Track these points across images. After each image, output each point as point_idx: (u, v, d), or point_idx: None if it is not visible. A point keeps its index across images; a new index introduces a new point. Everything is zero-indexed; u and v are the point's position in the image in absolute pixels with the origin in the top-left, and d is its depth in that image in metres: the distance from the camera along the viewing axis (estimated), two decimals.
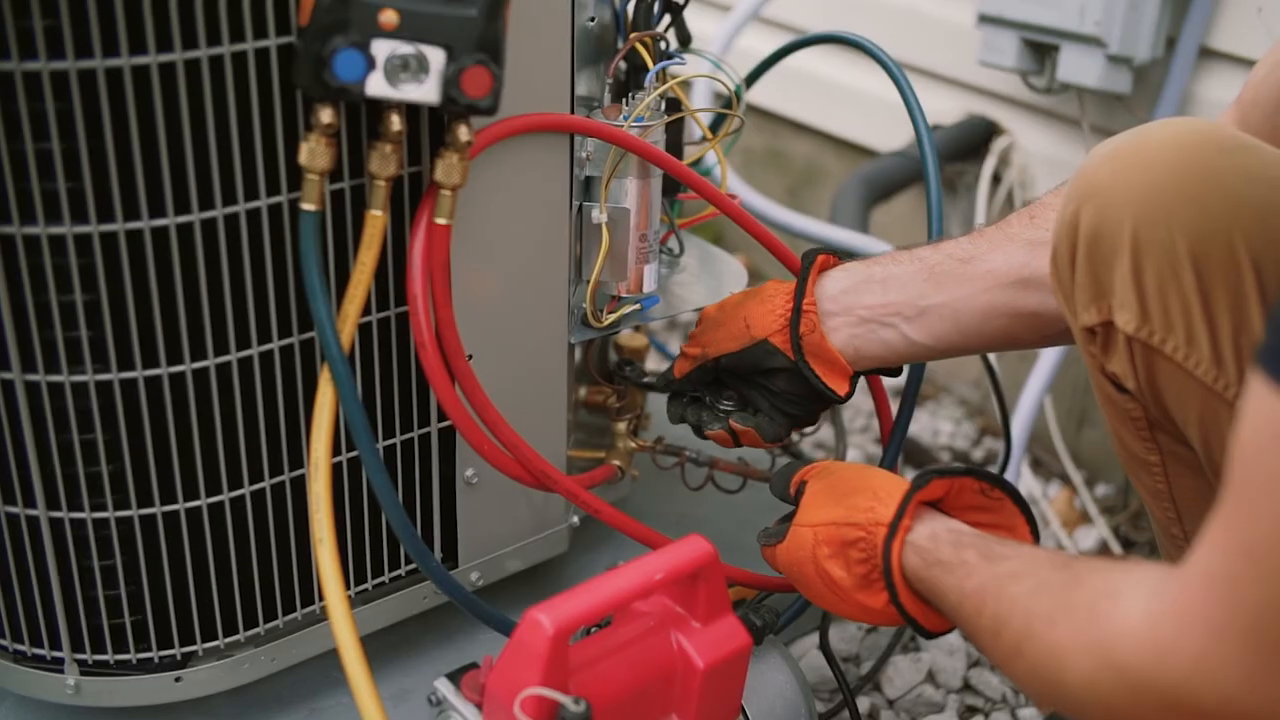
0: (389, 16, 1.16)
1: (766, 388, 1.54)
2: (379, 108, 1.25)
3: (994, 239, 1.41)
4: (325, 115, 1.20)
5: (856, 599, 1.34)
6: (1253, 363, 0.86)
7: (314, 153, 1.22)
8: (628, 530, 1.50)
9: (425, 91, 1.20)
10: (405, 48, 1.18)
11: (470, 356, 1.40)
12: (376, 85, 1.19)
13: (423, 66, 1.19)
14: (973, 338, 1.44)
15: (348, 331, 1.27)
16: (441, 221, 1.31)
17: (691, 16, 1.65)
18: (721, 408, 1.58)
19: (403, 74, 1.19)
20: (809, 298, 1.48)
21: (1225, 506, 0.90)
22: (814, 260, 1.50)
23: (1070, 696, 1.05)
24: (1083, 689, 1.02)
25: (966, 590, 1.20)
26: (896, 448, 1.64)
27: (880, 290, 1.46)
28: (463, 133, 1.27)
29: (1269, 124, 1.31)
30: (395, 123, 1.24)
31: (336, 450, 1.40)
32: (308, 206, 1.23)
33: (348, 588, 1.46)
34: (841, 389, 1.50)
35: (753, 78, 1.88)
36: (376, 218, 1.27)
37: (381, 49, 1.17)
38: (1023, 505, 1.35)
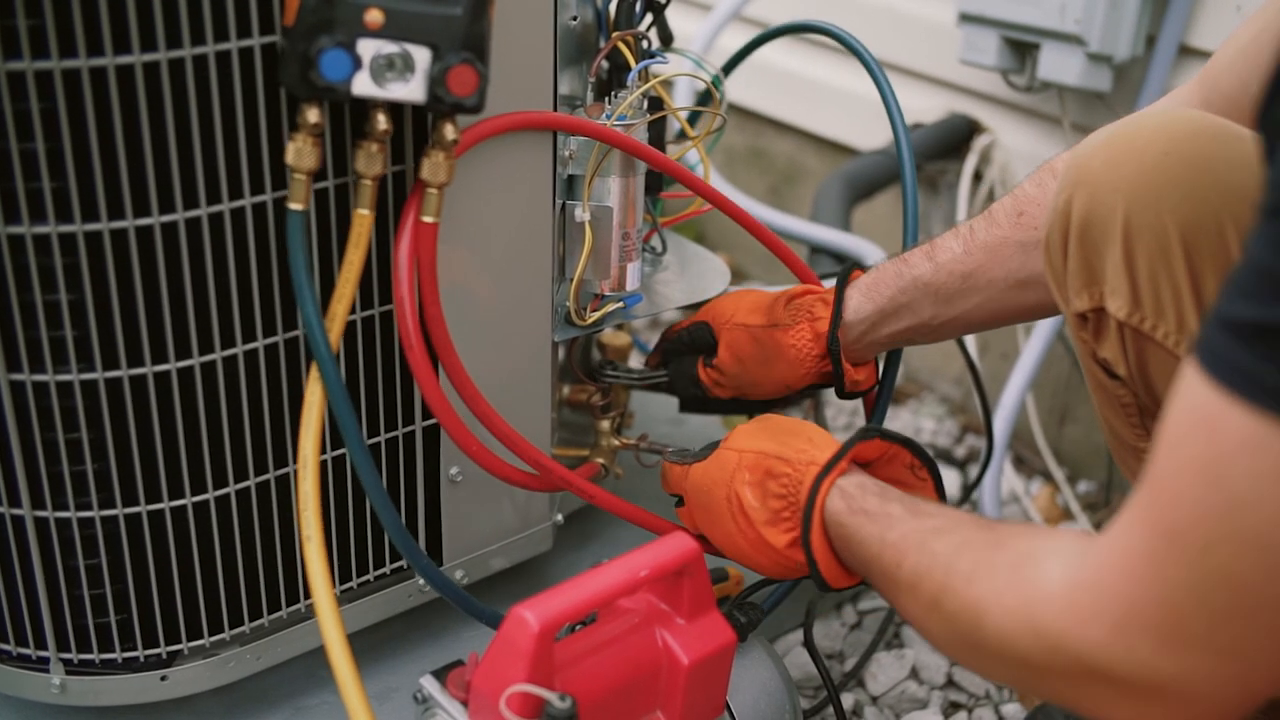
0: (374, 16, 1.17)
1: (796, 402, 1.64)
2: (364, 107, 1.25)
3: (988, 246, 1.45)
4: (312, 115, 1.21)
5: (759, 532, 1.36)
6: (1188, 351, 0.88)
7: (301, 152, 1.22)
8: (624, 514, 1.51)
9: (411, 90, 1.21)
10: (391, 47, 1.18)
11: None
12: (363, 85, 1.19)
13: (408, 65, 1.19)
14: (976, 330, 1.54)
15: (336, 331, 1.27)
16: (428, 220, 1.31)
17: (673, 16, 1.65)
18: None
19: (388, 73, 1.19)
20: (848, 370, 1.56)
21: (1148, 486, 0.93)
22: (840, 321, 1.54)
23: (986, 652, 1.08)
24: (1000, 645, 1.05)
25: (888, 540, 1.23)
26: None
27: (894, 321, 1.52)
28: (449, 131, 1.27)
29: (1233, 107, 1.32)
30: (381, 122, 1.24)
31: (323, 448, 1.40)
32: (295, 206, 1.24)
33: (334, 586, 1.46)
34: (871, 384, 1.62)
35: (729, 67, 1.88)
36: (364, 217, 1.28)
37: (367, 48, 1.18)
38: (942, 494, 1.41)
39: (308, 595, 1.47)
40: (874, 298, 1.52)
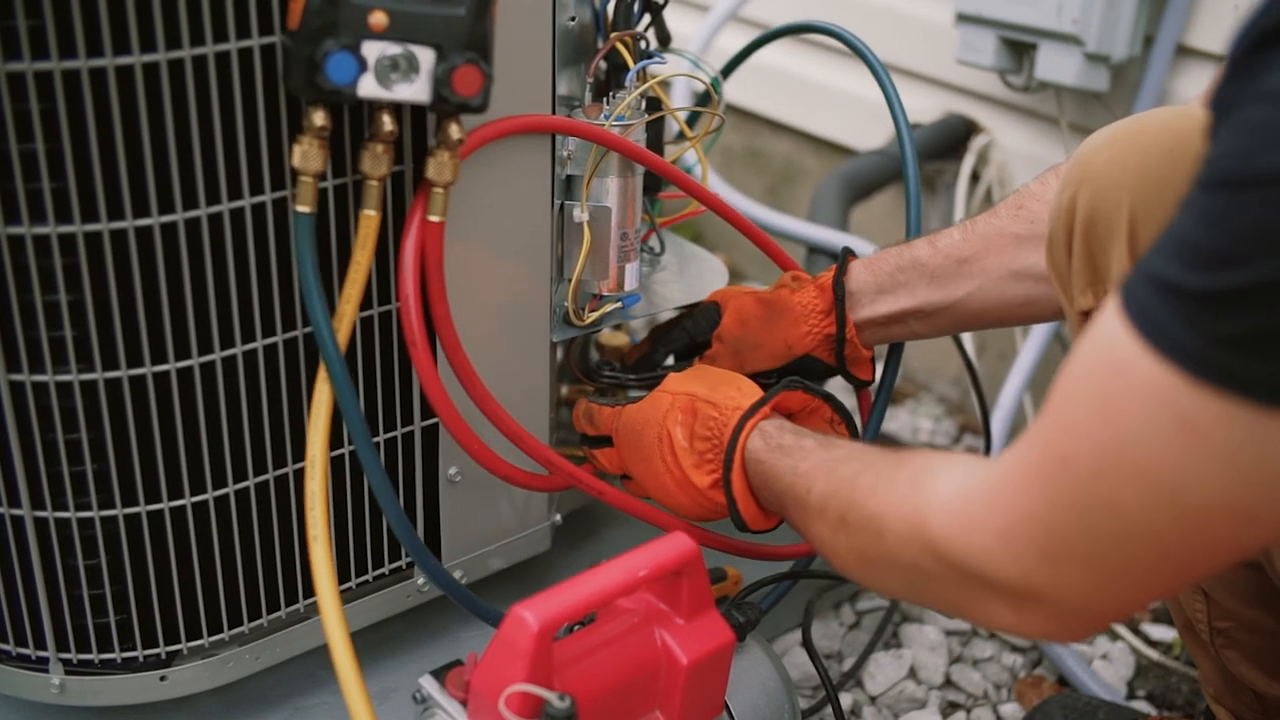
0: (378, 18, 1.17)
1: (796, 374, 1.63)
2: (366, 108, 1.25)
3: (986, 236, 1.47)
4: (318, 118, 1.21)
5: (684, 471, 1.43)
6: (1114, 288, 0.92)
7: (307, 155, 1.22)
8: (631, 510, 1.51)
9: (416, 91, 1.21)
10: (395, 48, 1.18)
11: None
12: (368, 87, 1.19)
13: (413, 66, 1.20)
14: (972, 325, 1.55)
15: (344, 332, 1.28)
16: (434, 219, 1.32)
17: (670, 16, 1.65)
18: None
19: (393, 74, 1.20)
20: (851, 329, 1.56)
21: (1051, 409, 0.97)
22: (844, 287, 1.56)
23: (884, 562, 1.14)
24: (896, 553, 1.11)
25: (800, 470, 1.30)
26: (873, 437, 1.67)
27: (893, 300, 1.54)
28: (454, 131, 1.28)
29: None
30: (387, 123, 1.24)
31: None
32: (302, 209, 1.24)
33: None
34: (869, 376, 1.63)
35: (730, 68, 1.89)
36: (371, 218, 1.28)
37: (372, 50, 1.18)
38: None
39: (306, 596, 1.47)
40: (874, 271, 1.55)
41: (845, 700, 1.88)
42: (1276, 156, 0.79)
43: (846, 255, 1.57)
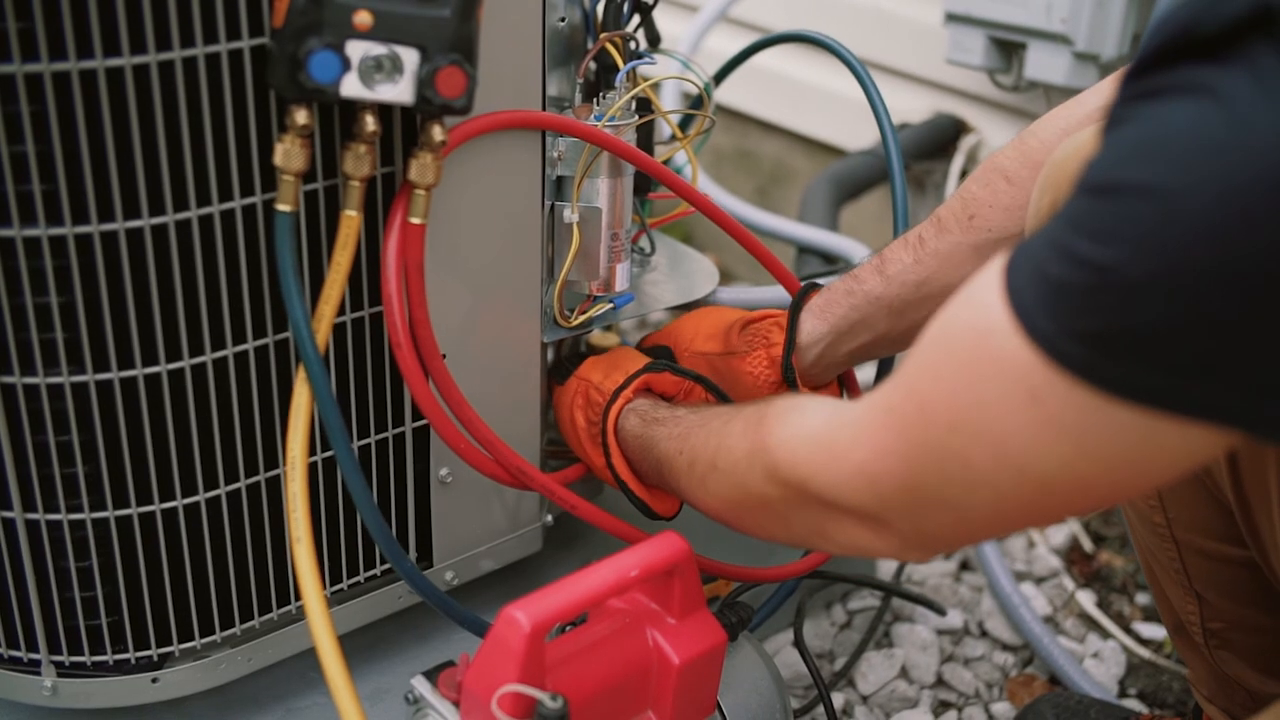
0: (363, 17, 1.17)
1: None
2: (353, 108, 1.25)
3: (940, 254, 1.44)
4: (300, 116, 1.21)
5: (587, 449, 1.55)
6: (1002, 254, 0.95)
7: (289, 154, 1.22)
8: (604, 525, 1.51)
9: (399, 92, 1.21)
10: (379, 48, 1.18)
11: (444, 356, 1.40)
12: (351, 86, 1.19)
13: (397, 67, 1.20)
14: None
15: (323, 332, 1.28)
16: (416, 221, 1.32)
17: (659, 16, 1.66)
18: None
19: (377, 74, 1.19)
20: (802, 388, 1.55)
21: (919, 355, 1.01)
22: (794, 346, 1.53)
23: (753, 499, 1.21)
24: (763, 489, 1.18)
25: (674, 434, 1.38)
26: None
27: (850, 339, 1.52)
28: (437, 133, 1.28)
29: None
30: (369, 123, 1.24)
31: (313, 450, 1.40)
32: (283, 207, 1.24)
33: (324, 587, 1.46)
34: None
35: (720, 76, 1.89)
36: (351, 218, 1.28)
37: (356, 50, 1.18)
38: None
39: (298, 597, 1.47)
40: (826, 318, 1.52)
41: (837, 700, 1.88)
42: (1136, 170, 0.84)
43: (795, 315, 1.53)
